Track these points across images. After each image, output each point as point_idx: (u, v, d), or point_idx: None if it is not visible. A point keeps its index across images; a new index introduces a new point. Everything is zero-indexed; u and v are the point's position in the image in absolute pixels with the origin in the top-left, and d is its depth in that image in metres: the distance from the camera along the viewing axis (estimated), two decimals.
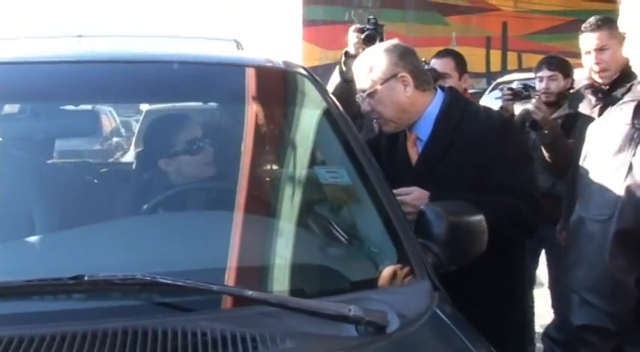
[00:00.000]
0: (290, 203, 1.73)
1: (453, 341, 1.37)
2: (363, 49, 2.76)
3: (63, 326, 1.20)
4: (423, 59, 3.38)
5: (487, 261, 1.72)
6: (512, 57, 13.40)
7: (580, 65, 3.20)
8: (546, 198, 2.60)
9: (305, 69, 2.08)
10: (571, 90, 3.59)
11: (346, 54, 2.78)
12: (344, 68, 2.67)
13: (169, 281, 1.25)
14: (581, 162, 1.66)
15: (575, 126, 3.31)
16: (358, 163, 1.77)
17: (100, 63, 1.88)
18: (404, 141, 2.29)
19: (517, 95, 3.40)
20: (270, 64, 2.03)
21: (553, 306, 3.19)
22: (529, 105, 3.29)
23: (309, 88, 1.95)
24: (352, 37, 2.76)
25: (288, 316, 1.27)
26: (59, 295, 1.29)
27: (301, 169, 1.84)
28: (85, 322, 1.23)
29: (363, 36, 2.72)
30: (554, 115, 3.43)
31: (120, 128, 9.08)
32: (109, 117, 8.57)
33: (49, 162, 2.35)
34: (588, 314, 1.53)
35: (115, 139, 7.70)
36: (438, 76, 3.28)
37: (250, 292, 1.29)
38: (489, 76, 11.97)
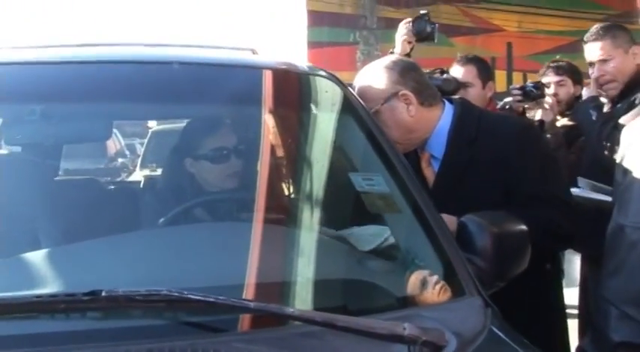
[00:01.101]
0: (326, 213, 1.63)
1: None
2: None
3: (76, 349, 1.11)
4: (445, 68, 3.24)
5: (525, 276, 1.62)
6: (517, 77, 13.40)
7: (588, 85, 3.06)
8: None
9: (330, 73, 1.95)
10: (580, 100, 3.41)
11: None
12: None
13: (200, 298, 1.13)
14: (616, 167, 1.59)
15: (577, 140, 3.15)
16: (395, 170, 1.67)
17: (112, 63, 1.76)
18: (415, 160, 2.14)
19: (527, 95, 3.13)
20: (295, 68, 1.94)
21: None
22: (539, 109, 3.12)
23: (340, 92, 1.84)
24: (402, 35, 2.71)
25: (333, 336, 1.16)
26: (72, 313, 1.16)
27: (336, 178, 1.73)
28: (101, 344, 1.13)
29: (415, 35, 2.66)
30: (558, 124, 3.26)
31: (124, 150, 9.00)
32: (114, 139, 8.47)
33: (57, 179, 2.24)
34: (628, 329, 1.44)
35: (120, 160, 7.63)
36: (458, 85, 3.10)
37: (292, 309, 1.16)
38: (495, 97, 11.92)
